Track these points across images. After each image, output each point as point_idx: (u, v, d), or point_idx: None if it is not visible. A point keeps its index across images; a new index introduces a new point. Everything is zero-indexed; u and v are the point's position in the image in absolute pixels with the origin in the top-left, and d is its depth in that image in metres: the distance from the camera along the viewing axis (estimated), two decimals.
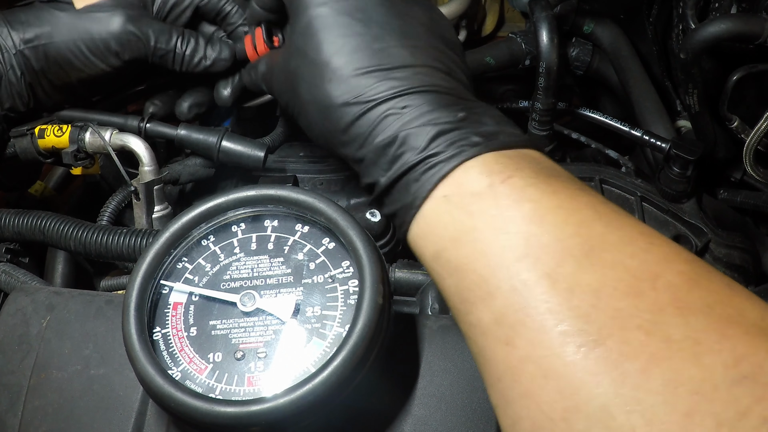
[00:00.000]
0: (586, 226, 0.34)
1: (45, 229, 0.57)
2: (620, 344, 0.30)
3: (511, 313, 0.33)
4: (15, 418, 0.45)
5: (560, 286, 0.32)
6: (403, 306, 0.57)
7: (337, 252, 0.45)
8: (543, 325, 0.32)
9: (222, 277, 0.44)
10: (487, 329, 0.34)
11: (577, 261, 0.33)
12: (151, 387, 0.39)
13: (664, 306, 0.31)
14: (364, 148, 0.41)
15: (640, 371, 0.29)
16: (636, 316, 0.30)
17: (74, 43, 0.58)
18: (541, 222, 0.34)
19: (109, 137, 0.60)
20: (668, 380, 0.28)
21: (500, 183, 0.36)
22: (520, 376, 0.32)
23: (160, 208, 0.62)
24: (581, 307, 0.31)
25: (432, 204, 0.38)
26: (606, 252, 0.33)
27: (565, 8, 0.79)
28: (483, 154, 0.37)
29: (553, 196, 0.35)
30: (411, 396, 0.45)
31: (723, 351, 0.29)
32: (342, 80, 0.42)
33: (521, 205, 0.35)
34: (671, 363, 0.29)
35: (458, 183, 0.37)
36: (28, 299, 0.50)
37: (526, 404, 0.32)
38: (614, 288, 0.31)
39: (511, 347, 0.33)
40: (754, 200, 0.71)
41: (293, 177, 0.67)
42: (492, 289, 0.34)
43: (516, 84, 0.88)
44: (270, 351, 0.42)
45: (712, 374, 0.28)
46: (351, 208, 0.69)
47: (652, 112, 0.75)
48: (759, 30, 0.57)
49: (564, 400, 0.30)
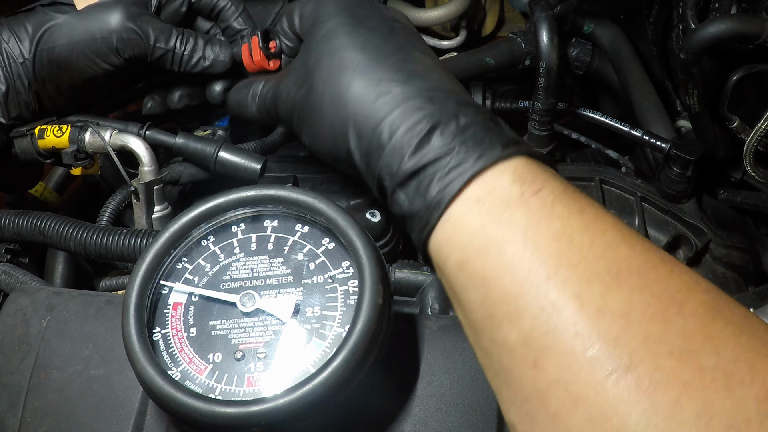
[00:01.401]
0: (612, 249, 0.33)
1: (45, 229, 0.57)
2: (652, 371, 0.29)
3: (539, 335, 0.32)
4: (15, 418, 0.45)
5: (589, 308, 0.31)
6: (403, 306, 0.57)
7: (337, 252, 0.45)
8: (572, 350, 0.31)
9: (222, 277, 0.44)
10: (513, 349, 0.33)
11: (605, 283, 0.32)
12: (151, 387, 0.39)
13: (692, 333, 0.30)
14: (381, 129, 0.39)
15: (673, 402, 0.28)
16: (667, 341, 0.30)
17: (76, 45, 0.58)
18: (570, 241, 0.33)
19: (108, 137, 0.60)
20: (701, 412, 0.28)
21: (531, 195, 0.35)
22: (548, 400, 0.31)
23: (160, 209, 0.62)
24: (611, 330, 0.30)
25: (461, 207, 0.36)
26: (632, 276, 0.32)
27: (565, 8, 0.79)
28: (514, 157, 0.36)
29: (579, 216, 0.34)
30: (411, 396, 0.45)
31: (755, 384, 0.28)
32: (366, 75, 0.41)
33: (551, 222, 0.34)
34: (704, 394, 0.28)
35: (491, 186, 0.35)
36: (28, 299, 0.50)
37: (554, 428, 0.31)
38: (643, 312, 0.31)
39: (539, 370, 0.32)
40: (754, 200, 0.71)
41: (293, 177, 0.67)
42: (520, 309, 0.33)
43: (516, 84, 0.88)
44: (270, 351, 0.42)
45: (745, 408, 0.28)
46: (351, 208, 0.68)
47: (652, 113, 0.75)
48: (759, 30, 0.57)
49: (595, 428, 0.30)
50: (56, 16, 0.58)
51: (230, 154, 0.62)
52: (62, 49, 0.58)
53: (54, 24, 0.58)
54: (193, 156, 0.62)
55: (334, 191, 0.69)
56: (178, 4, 0.62)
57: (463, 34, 0.96)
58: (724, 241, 0.66)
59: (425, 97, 0.39)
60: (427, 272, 0.57)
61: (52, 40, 0.58)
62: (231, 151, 0.62)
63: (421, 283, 0.57)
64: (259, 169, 0.61)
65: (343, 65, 0.42)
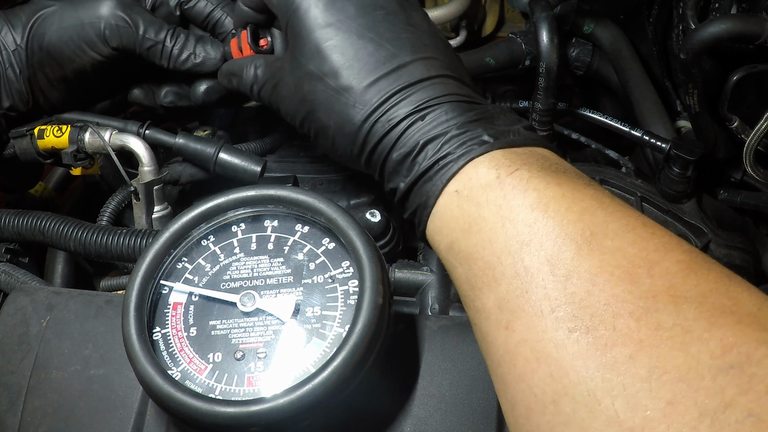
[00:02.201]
0: (588, 214, 0.35)
1: (45, 229, 0.57)
2: (610, 331, 0.31)
3: (512, 298, 0.34)
4: (15, 418, 0.45)
5: (559, 272, 0.33)
6: (403, 306, 0.57)
7: (337, 252, 0.45)
8: (540, 311, 0.33)
9: (222, 277, 0.44)
10: (490, 314, 0.36)
11: (578, 246, 0.34)
12: (151, 387, 0.39)
13: (658, 293, 0.31)
14: (387, 162, 0.43)
15: (627, 357, 0.30)
16: (629, 302, 0.31)
17: (66, 32, 0.58)
18: (545, 209, 0.35)
19: (108, 137, 0.60)
20: (654, 367, 0.29)
21: (507, 175, 0.37)
22: (516, 359, 0.34)
23: (160, 209, 0.62)
24: (577, 293, 0.32)
25: (444, 200, 0.40)
26: (607, 238, 0.34)
27: (565, 8, 0.79)
28: (492, 151, 0.39)
29: (557, 187, 0.36)
30: (411, 396, 0.45)
31: (711, 340, 0.29)
32: (364, 104, 0.43)
33: (526, 194, 0.36)
34: (658, 350, 0.29)
35: (468, 178, 0.39)
36: (27, 299, 0.49)
37: (521, 388, 0.33)
38: (611, 274, 0.32)
39: (510, 331, 0.34)
40: (754, 200, 0.71)
41: (293, 177, 0.67)
42: (497, 275, 0.35)
43: (516, 84, 0.88)
44: (270, 351, 0.42)
45: (698, 363, 0.28)
46: (351, 208, 0.68)
47: (652, 113, 0.75)
48: (759, 30, 0.57)
49: (554, 383, 0.31)
50: (49, 4, 0.59)
51: (230, 156, 0.62)
52: (52, 35, 0.58)
53: (46, 11, 0.58)
54: (193, 156, 0.62)
55: (334, 191, 0.69)
56: (172, 7, 0.62)
57: (463, 34, 0.96)
58: (724, 241, 0.66)
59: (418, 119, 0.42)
60: (427, 272, 0.57)
61: (44, 27, 0.58)
62: (231, 152, 0.62)
63: (421, 283, 0.57)
64: (258, 171, 0.61)
65: (341, 93, 0.44)
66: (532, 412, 0.33)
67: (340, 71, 0.44)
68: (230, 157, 0.62)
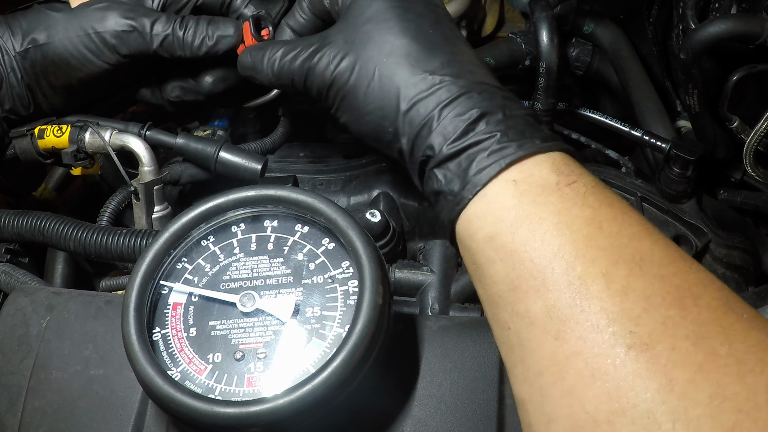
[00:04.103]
0: (637, 240, 0.35)
1: (44, 229, 0.57)
2: (669, 351, 0.30)
3: (564, 307, 0.33)
4: (15, 418, 0.45)
5: (615, 287, 0.32)
6: (403, 306, 0.57)
7: (337, 252, 0.45)
8: (596, 324, 0.32)
9: (222, 277, 0.44)
10: (536, 320, 0.34)
11: (630, 268, 0.33)
12: (151, 387, 0.39)
13: (707, 322, 0.31)
14: (431, 118, 0.41)
15: (687, 381, 0.29)
16: (683, 326, 0.31)
17: (70, 42, 0.58)
18: (599, 227, 0.35)
19: (108, 137, 0.60)
20: (714, 394, 0.29)
21: (566, 185, 0.36)
22: (566, 372, 0.32)
23: (160, 209, 0.62)
24: (633, 309, 0.32)
25: (498, 185, 0.37)
26: (654, 266, 0.34)
27: (565, 8, 0.79)
28: (554, 151, 0.38)
29: (609, 208, 0.36)
30: (411, 396, 0.45)
31: (764, 373, 0.29)
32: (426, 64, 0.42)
33: (583, 209, 0.35)
34: (717, 377, 0.29)
35: (529, 172, 0.37)
36: (27, 299, 0.49)
37: (568, 402, 0.32)
38: (663, 298, 0.32)
39: (561, 342, 0.33)
40: (754, 200, 0.71)
41: (293, 177, 0.67)
42: (547, 282, 0.34)
43: (516, 84, 0.88)
44: (270, 351, 0.42)
45: (755, 394, 0.29)
46: (351, 208, 0.68)
47: (652, 113, 0.75)
48: (759, 30, 0.57)
49: (610, 402, 0.30)
50: (50, 14, 0.58)
51: (231, 155, 0.62)
52: (56, 46, 0.58)
53: (48, 21, 0.58)
54: (194, 156, 0.62)
55: (334, 191, 0.69)
56: (183, 3, 0.61)
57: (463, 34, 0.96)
58: (724, 241, 0.66)
59: (476, 91, 0.41)
60: (427, 272, 0.57)
61: (46, 37, 0.58)
62: (231, 151, 0.62)
63: (421, 283, 0.57)
64: (259, 169, 0.61)
65: (396, 51, 0.43)
66: (579, 429, 0.31)
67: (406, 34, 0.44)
68: (231, 155, 0.62)
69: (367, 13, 0.45)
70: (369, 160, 0.72)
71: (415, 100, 0.42)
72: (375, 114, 0.44)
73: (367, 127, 0.45)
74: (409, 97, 0.42)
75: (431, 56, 0.43)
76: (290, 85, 0.50)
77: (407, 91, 0.42)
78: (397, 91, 0.42)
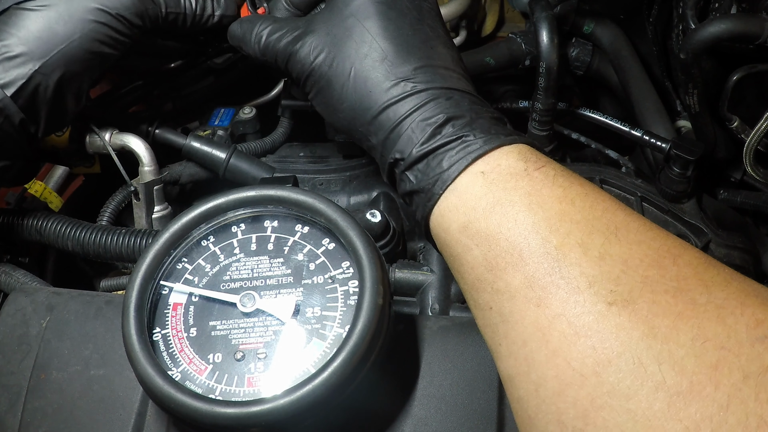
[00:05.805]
0: (610, 212, 0.36)
1: (43, 229, 0.57)
2: (650, 304, 0.32)
3: (543, 275, 0.34)
4: (15, 418, 0.45)
5: (591, 254, 0.34)
6: (403, 306, 0.57)
7: (337, 252, 0.45)
8: (576, 286, 0.33)
9: (222, 277, 0.44)
10: (516, 292, 0.35)
11: (606, 236, 0.35)
12: (151, 388, 0.39)
13: (687, 277, 0.33)
14: (403, 123, 0.43)
15: (669, 327, 0.31)
16: (662, 283, 0.32)
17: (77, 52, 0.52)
18: (572, 203, 0.36)
19: (109, 137, 0.60)
20: (696, 336, 0.30)
21: (535, 170, 0.38)
22: (550, 335, 0.33)
23: (160, 209, 0.62)
24: (612, 272, 0.33)
25: (467, 178, 0.39)
26: (630, 233, 0.35)
27: (565, 8, 0.79)
28: (519, 143, 0.41)
29: (580, 186, 0.38)
30: (411, 396, 0.45)
31: (744, 314, 0.30)
32: (396, 65, 0.44)
33: (554, 188, 0.37)
34: (698, 321, 0.31)
35: (496, 163, 0.39)
36: (27, 299, 0.49)
37: (554, 363, 0.33)
38: (641, 260, 0.34)
39: (543, 308, 0.34)
40: (754, 200, 0.71)
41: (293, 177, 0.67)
42: (524, 254, 0.35)
43: (516, 84, 0.88)
44: (270, 352, 0.42)
45: (736, 332, 0.30)
46: (351, 208, 0.68)
47: (652, 112, 0.75)
48: (759, 30, 0.57)
49: (596, 354, 0.32)
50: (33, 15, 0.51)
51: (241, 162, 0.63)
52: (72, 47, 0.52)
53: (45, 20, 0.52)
54: (203, 159, 0.63)
55: (334, 191, 0.69)
56: None
57: (463, 34, 0.96)
58: (724, 241, 0.66)
59: (445, 96, 0.43)
60: (427, 272, 0.57)
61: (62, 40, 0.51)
62: (242, 159, 0.63)
63: (421, 283, 0.57)
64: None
65: (372, 54, 0.45)
66: (568, 386, 0.32)
67: (384, 36, 0.45)
68: (241, 163, 0.63)
69: (352, 5, 0.46)
70: (369, 160, 0.72)
71: (385, 105, 0.44)
72: (347, 112, 0.46)
73: (339, 122, 0.47)
74: (380, 102, 0.44)
75: (406, 61, 0.44)
76: (274, 63, 0.51)
77: (379, 97, 0.44)
78: (369, 95, 0.44)
